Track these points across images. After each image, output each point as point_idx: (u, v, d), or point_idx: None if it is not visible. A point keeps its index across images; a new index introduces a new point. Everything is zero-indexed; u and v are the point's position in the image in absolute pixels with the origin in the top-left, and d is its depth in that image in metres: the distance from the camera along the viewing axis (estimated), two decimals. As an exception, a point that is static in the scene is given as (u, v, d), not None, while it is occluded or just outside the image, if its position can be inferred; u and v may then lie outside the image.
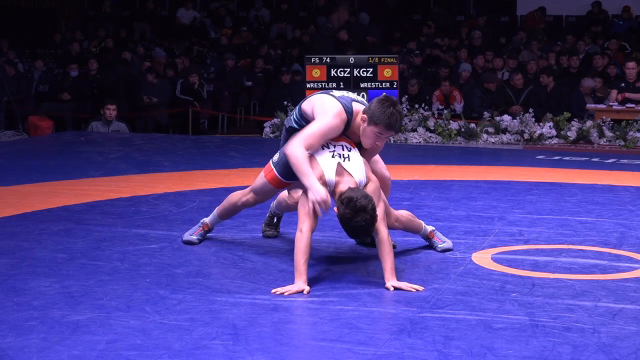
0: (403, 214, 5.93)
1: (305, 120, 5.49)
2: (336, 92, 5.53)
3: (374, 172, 5.50)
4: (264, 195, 5.84)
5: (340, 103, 5.37)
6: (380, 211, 5.19)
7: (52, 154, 11.17)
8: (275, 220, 6.36)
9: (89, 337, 4.22)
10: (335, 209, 5.12)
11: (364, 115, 5.31)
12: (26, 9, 20.56)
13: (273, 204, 6.29)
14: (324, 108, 5.36)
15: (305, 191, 5.24)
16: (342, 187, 5.17)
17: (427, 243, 6.10)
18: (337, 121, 5.32)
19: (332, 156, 5.29)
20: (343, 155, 5.30)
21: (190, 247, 6.07)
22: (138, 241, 6.17)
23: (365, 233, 5.19)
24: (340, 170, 5.25)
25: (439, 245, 6.04)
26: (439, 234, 6.11)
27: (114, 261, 5.66)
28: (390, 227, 5.78)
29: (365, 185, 5.25)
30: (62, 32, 20.38)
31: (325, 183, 5.23)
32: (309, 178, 5.18)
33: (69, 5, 21.60)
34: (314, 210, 5.16)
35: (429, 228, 6.08)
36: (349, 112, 5.36)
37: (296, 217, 5.29)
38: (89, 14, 21.49)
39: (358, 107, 5.41)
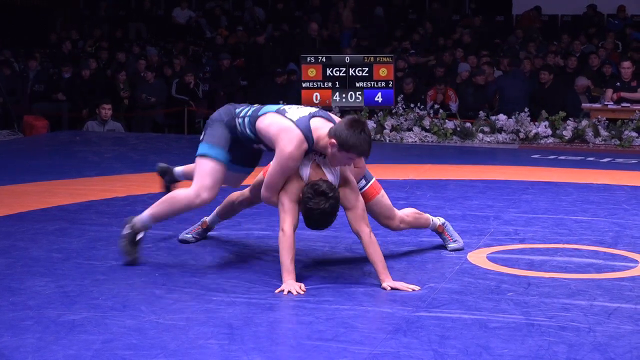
0: (408, 213, 5.89)
1: (258, 138, 5.30)
2: (288, 112, 5.23)
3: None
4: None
5: (300, 130, 5.10)
6: (360, 210, 5.18)
7: (48, 154, 11.16)
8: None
9: (85, 336, 4.22)
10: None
11: (333, 141, 5.03)
12: (21, 8, 20.53)
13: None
14: (280, 140, 5.11)
15: (284, 190, 5.21)
16: (314, 178, 5.16)
17: (416, 248, 6.11)
18: (299, 154, 5.09)
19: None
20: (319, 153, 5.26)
21: (186, 246, 6.07)
22: (134, 241, 6.16)
23: (321, 221, 5.14)
24: (315, 165, 5.23)
25: (450, 245, 6.02)
26: (449, 228, 6.07)
27: (109, 261, 5.65)
28: (395, 229, 5.80)
29: (341, 184, 5.22)
30: (57, 31, 20.35)
31: (300, 177, 5.20)
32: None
33: (65, 4, 21.56)
34: (294, 203, 5.16)
35: (438, 221, 6.05)
36: (310, 139, 5.10)
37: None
38: (85, 13, 21.45)
39: (316, 125, 5.14)
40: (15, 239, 6.21)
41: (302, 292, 4.97)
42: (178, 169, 6.24)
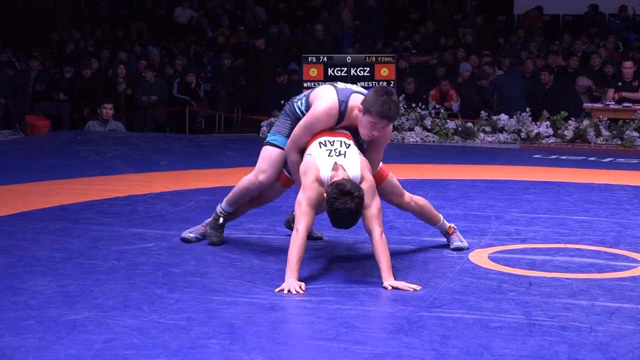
0: (420, 198, 5.98)
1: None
2: (340, 84, 5.63)
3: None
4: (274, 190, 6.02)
5: (338, 97, 5.46)
6: (375, 209, 5.20)
7: (49, 154, 11.17)
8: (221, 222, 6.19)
9: (86, 336, 4.22)
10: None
11: (360, 106, 5.36)
12: (23, 8, 20.54)
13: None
14: (317, 100, 5.54)
15: (304, 193, 5.24)
16: (336, 178, 5.19)
17: (417, 248, 6.11)
18: (324, 116, 5.46)
19: (329, 155, 5.30)
20: (340, 152, 5.31)
21: (188, 246, 6.07)
22: (135, 240, 6.17)
23: (348, 221, 5.16)
24: (336, 167, 5.27)
25: (454, 243, 6.04)
26: (459, 233, 6.11)
27: (111, 260, 5.65)
28: (406, 208, 5.87)
29: (360, 182, 5.25)
30: (58, 31, 20.35)
31: (321, 182, 5.24)
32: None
33: (66, 4, 21.56)
34: (311, 207, 5.21)
35: (449, 224, 6.08)
36: (344, 105, 5.45)
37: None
38: (86, 13, 21.45)
39: (356, 99, 5.46)
40: (17, 239, 6.21)
41: (302, 292, 4.97)
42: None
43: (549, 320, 4.53)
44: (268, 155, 5.82)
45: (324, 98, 5.50)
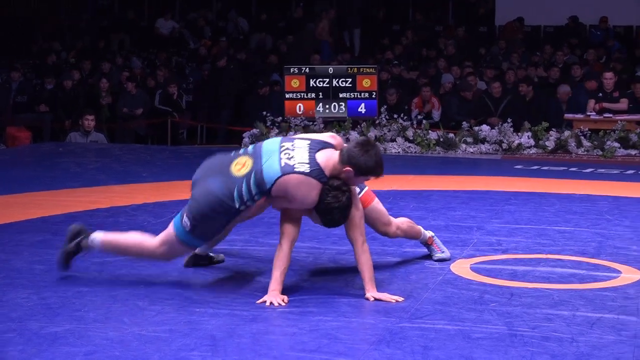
0: (403, 221, 5.97)
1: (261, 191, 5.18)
2: (296, 162, 5.07)
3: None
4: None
5: (314, 178, 5.05)
6: (356, 219, 5.20)
7: (30, 165, 11.14)
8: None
9: (67, 348, 4.20)
10: None
11: (349, 169, 5.06)
12: (3, 19, 20.47)
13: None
14: (302, 190, 5.05)
15: (286, 210, 5.21)
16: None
17: (399, 259, 6.11)
18: (316, 198, 5.08)
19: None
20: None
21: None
22: (117, 252, 6.14)
23: (340, 216, 5.13)
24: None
25: (437, 254, 6.06)
26: (437, 241, 6.13)
27: (92, 272, 5.64)
28: (392, 236, 5.85)
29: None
30: (39, 42, 20.30)
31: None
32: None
33: (47, 15, 21.51)
34: (296, 221, 5.18)
35: (428, 234, 6.10)
36: (324, 177, 5.08)
37: (276, 228, 5.29)
38: (66, 24, 21.41)
39: (323, 158, 5.10)
40: (-2, 251, 6.19)
41: (284, 304, 4.97)
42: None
43: (530, 331, 4.54)
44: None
45: (305, 187, 5.05)
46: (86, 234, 5.54)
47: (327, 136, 5.31)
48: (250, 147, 5.32)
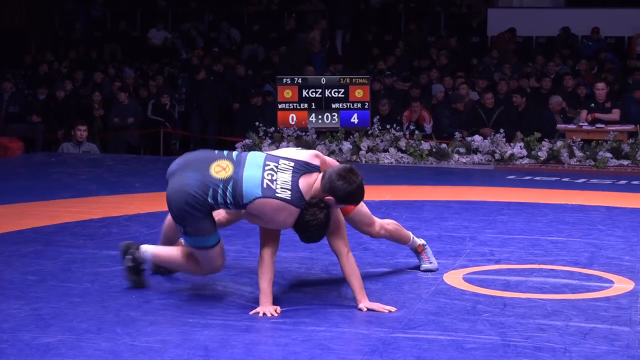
0: (389, 222, 5.94)
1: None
2: (278, 188, 5.04)
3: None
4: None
5: (294, 204, 5.04)
6: (340, 231, 5.21)
7: (23, 176, 11.11)
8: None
9: (59, 359, 4.19)
10: None
11: (330, 198, 5.05)
12: (-4, 29, 20.47)
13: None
14: (281, 216, 5.05)
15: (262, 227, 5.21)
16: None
17: (392, 269, 6.10)
18: (294, 222, 5.11)
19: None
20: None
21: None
22: (109, 263, 6.14)
23: (317, 233, 5.12)
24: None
25: (424, 265, 6.05)
26: (429, 251, 6.10)
27: (84, 283, 5.63)
28: (376, 236, 5.83)
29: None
30: (32, 52, 20.30)
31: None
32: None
33: (40, 26, 21.49)
34: (276, 231, 5.18)
35: (419, 241, 6.08)
36: (303, 203, 5.06)
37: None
38: (59, 34, 21.41)
39: (304, 184, 5.09)
40: (-10, 262, 6.17)
41: (277, 315, 4.97)
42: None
43: (523, 341, 4.54)
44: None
45: (284, 213, 5.04)
46: (135, 247, 5.51)
47: (312, 156, 5.22)
48: (235, 153, 5.31)
